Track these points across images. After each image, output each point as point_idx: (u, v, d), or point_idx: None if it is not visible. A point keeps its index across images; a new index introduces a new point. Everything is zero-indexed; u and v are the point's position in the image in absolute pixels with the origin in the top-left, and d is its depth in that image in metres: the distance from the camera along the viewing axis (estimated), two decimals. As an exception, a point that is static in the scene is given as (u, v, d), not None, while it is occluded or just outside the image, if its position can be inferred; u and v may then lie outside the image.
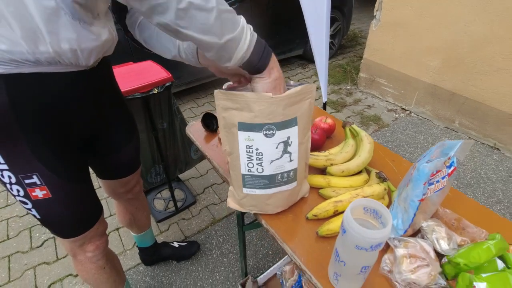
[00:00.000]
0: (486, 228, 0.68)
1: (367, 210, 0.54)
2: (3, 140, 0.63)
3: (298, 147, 0.69)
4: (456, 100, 2.41)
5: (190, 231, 1.76)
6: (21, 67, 0.58)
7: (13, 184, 0.69)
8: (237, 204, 0.77)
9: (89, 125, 0.79)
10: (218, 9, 0.50)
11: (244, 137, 0.66)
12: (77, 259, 0.93)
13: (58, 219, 0.79)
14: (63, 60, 0.61)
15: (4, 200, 1.94)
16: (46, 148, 0.68)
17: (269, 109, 0.62)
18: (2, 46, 0.54)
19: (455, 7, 2.18)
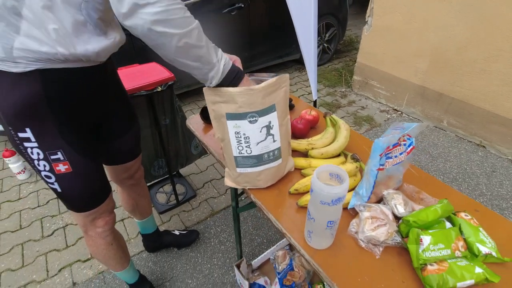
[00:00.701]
0: (441, 198, 0.80)
1: (332, 175, 0.66)
2: (36, 121, 0.77)
3: (279, 129, 0.82)
4: (444, 100, 2.53)
5: (190, 222, 1.87)
6: (53, 63, 0.72)
7: (40, 160, 0.82)
8: (233, 182, 0.90)
9: (98, 111, 0.92)
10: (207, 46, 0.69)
11: (232, 125, 0.78)
12: (88, 235, 1.06)
13: (75, 193, 0.91)
14: (86, 59, 0.76)
15: (17, 194, 2.07)
16: (69, 129, 0.82)
17: (250, 100, 0.75)
18: (42, 48, 0.68)
19: (440, 13, 2.32)
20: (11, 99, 0.73)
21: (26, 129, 0.77)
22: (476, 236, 0.70)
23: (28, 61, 0.69)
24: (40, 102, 0.75)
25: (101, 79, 0.88)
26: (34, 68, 0.71)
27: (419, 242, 0.67)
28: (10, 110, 0.74)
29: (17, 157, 2.10)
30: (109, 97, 0.95)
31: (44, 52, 0.69)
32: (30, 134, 0.78)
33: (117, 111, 1.01)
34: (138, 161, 1.21)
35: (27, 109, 0.75)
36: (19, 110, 0.74)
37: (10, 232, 1.81)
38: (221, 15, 2.81)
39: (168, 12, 0.61)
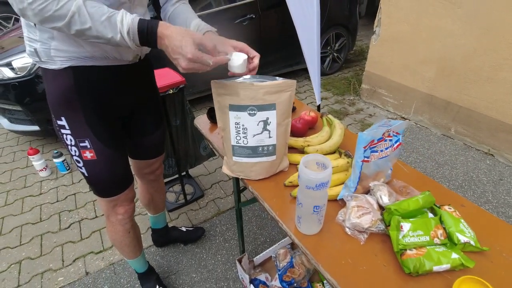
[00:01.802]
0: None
1: (319, 164, 0.73)
2: (69, 111, 0.89)
3: (277, 127, 0.90)
4: (451, 108, 2.54)
5: (197, 220, 1.95)
6: (83, 61, 0.84)
7: (72, 145, 0.94)
8: (229, 170, 0.98)
9: (127, 107, 1.03)
10: (94, 25, 0.69)
11: (233, 116, 0.87)
12: (109, 220, 1.16)
13: (100, 179, 1.02)
14: (110, 56, 0.86)
15: (38, 189, 2.22)
16: (96, 121, 0.93)
17: (251, 94, 0.84)
18: (71, 48, 0.81)
19: (446, 22, 2.36)
20: (52, 91, 0.88)
21: (61, 117, 0.90)
22: (457, 226, 0.75)
23: (62, 60, 0.82)
24: (72, 94, 0.87)
25: (130, 78, 0.97)
26: (67, 65, 0.83)
27: (399, 229, 0.72)
28: (51, 101, 0.89)
29: (40, 155, 2.26)
30: (138, 96, 1.05)
31: (73, 51, 0.81)
32: (65, 122, 0.90)
33: (146, 111, 1.11)
34: (161, 159, 1.32)
35: (62, 100, 0.87)
36: (57, 101, 0.88)
37: (31, 224, 1.94)
38: (233, 25, 2.95)
39: (42, 11, 0.65)
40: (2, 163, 2.51)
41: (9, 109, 2.34)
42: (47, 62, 0.83)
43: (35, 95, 2.24)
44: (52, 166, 2.39)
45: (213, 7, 2.83)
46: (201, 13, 2.71)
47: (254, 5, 3.01)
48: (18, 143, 2.76)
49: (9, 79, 2.18)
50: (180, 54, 0.71)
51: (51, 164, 2.40)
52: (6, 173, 2.40)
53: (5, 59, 2.20)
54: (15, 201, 2.13)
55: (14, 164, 2.50)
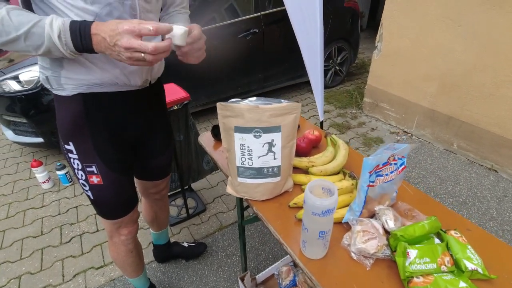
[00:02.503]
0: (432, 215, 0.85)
1: (325, 189, 0.73)
2: (77, 137, 0.90)
3: (282, 149, 0.90)
4: (453, 123, 2.55)
5: (199, 235, 1.94)
6: (92, 88, 0.85)
7: (79, 170, 0.94)
8: (233, 190, 0.98)
9: (137, 132, 1.02)
10: (18, 38, 0.65)
11: (239, 138, 0.88)
12: (112, 241, 1.15)
13: (105, 202, 1.01)
14: (119, 81, 0.87)
15: (40, 202, 2.22)
16: (104, 146, 0.93)
17: (256, 116, 0.84)
18: (80, 76, 0.82)
19: (447, 39, 2.39)
20: (61, 117, 0.88)
21: (70, 142, 0.90)
22: (464, 253, 0.74)
23: (72, 87, 0.83)
24: (81, 120, 0.87)
25: (140, 104, 0.97)
26: (77, 92, 0.84)
27: (406, 255, 0.72)
28: (61, 126, 0.90)
29: (43, 168, 2.27)
30: (148, 121, 1.04)
31: (82, 79, 0.82)
32: (73, 147, 0.91)
33: (155, 134, 1.10)
34: (167, 179, 1.31)
35: (71, 126, 0.88)
36: (66, 126, 0.89)
37: (32, 237, 1.93)
38: (237, 39, 2.99)
39: None
40: (5, 174, 2.52)
41: (14, 121, 2.37)
42: (57, 89, 0.85)
43: (40, 108, 2.27)
44: (54, 178, 2.40)
45: (216, 22, 2.88)
46: (205, 28, 2.76)
47: (258, 20, 3.06)
48: (22, 154, 2.78)
49: (15, 92, 2.21)
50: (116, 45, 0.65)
51: (54, 176, 2.40)
52: (9, 185, 2.40)
53: (12, 72, 2.24)
54: (17, 213, 2.12)
55: (17, 175, 2.51)
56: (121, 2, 0.77)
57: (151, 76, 0.96)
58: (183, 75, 2.72)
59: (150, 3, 0.86)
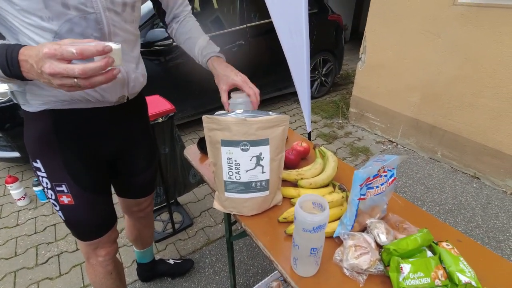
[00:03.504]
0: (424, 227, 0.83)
1: (315, 204, 0.71)
2: (46, 154, 0.83)
3: (270, 162, 0.88)
4: (437, 132, 2.61)
5: (186, 250, 1.87)
6: (61, 104, 0.79)
7: (48, 188, 0.87)
8: (220, 206, 0.94)
9: (114, 149, 0.95)
10: None
11: (226, 151, 0.84)
12: (89, 262, 1.07)
13: (78, 223, 0.94)
14: (91, 98, 0.80)
15: (15, 220, 2.09)
16: (76, 164, 0.86)
17: (244, 129, 0.82)
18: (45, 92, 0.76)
19: (428, 51, 2.47)
20: (28, 133, 0.83)
21: (37, 160, 0.84)
22: (457, 265, 0.73)
23: (38, 103, 0.78)
24: (48, 137, 0.82)
25: (115, 120, 0.91)
26: (43, 109, 0.79)
27: (399, 270, 0.70)
28: (27, 142, 0.84)
29: (18, 184, 2.15)
30: (126, 138, 0.97)
31: (49, 95, 0.76)
32: (40, 165, 0.84)
33: (136, 151, 1.04)
34: (151, 196, 1.24)
35: (38, 143, 0.82)
36: (32, 143, 0.83)
37: (4, 259, 1.81)
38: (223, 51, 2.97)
39: None
40: (-23, 191, 2.38)
41: (-12, 135, 2.25)
42: (24, 104, 0.79)
43: (17, 121, 2.17)
44: (31, 195, 2.27)
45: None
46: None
47: (244, 32, 3.08)
48: (-4, 169, 2.64)
49: (-10, 105, 2.10)
50: (43, 72, 0.56)
51: (30, 192, 2.28)
52: (-19, 203, 2.26)
53: (-13, 84, 2.14)
54: (-11, 233, 1.99)
55: (-10, 192, 2.37)
56: (82, 16, 0.71)
57: (128, 92, 0.89)
58: (168, 87, 2.68)
59: (122, 14, 0.79)
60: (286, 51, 1.75)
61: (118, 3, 0.78)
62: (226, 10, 3.23)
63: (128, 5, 0.80)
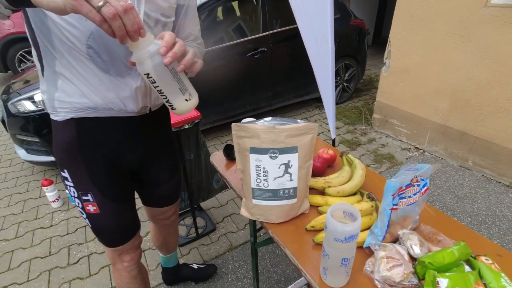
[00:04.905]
0: (460, 240, 0.80)
1: (346, 213, 0.70)
2: (72, 164, 0.87)
3: (298, 170, 0.88)
4: (467, 139, 2.49)
5: (209, 255, 1.89)
6: (86, 113, 0.82)
7: (75, 197, 0.91)
8: (248, 213, 0.95)
9: (136, 160, 0.98)
10: None
11: (254, 159, 0.86)
12: (115, 267, 1.11)
13: (103, 230, 0.98)
14: (114, 106, 0.83)
15: (49, 221, 2.21)
16: (99, 174, 0.90)
17: (273, 137, 0.83)
18: (73, 99, 0.80)
19: (456, 55, 2.38)
20: (56, 143, 0.87)
21: (64, 169, 0.88)
22: (498, 281, 0.69)
23: (65, 111, 0.82)
24: (74, 147, 0.85)
25: (138, 131, 0.92)
26: (70, 117, 0.82)
27: (436, 285, 0.67)
28: (56, 152, 0.88)
29: (53, 186, 2.27)
30: (149, 148, 1.00)
31: (75, 102, 0.80)
32: (67, 175, 0.89)
33: (159, 161, 1.06)
34: (176, 204, 1.27)
35: (65, 153, 0.86)
36: (59, 153, 0.87)
37: (40, 258, 1.91)
38: (245, 58, 3.04)
39: None
40: (16, 193, 2.53)
41: (27, 140, 2.40)
42: (52, 113, 0.83)
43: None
44: (64, 197, 2.39)
45: (225, 42, 2.94)
46: (214, 47, 2.81)
47: (266, 39, 3.11)
48: (33, 173, 2.80)
49: (30, 112, 2.25)
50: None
51: (63, 195, 2.40)
52: (19, 204, 2.40)
53: (27, 93, 2.29)
54: (26, 233, 2.11)
55: (27, 194, 2.51)
56: None
57: (151, 103, 0.91)
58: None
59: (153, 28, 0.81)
60: (311, 57, 1.75)
61: (152, 18, 0.81)
62: (249, 17, 3.29)
63: (160, 22, 0.84)
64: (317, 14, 1.69)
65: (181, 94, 0.70)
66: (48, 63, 0.78)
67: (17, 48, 4.67)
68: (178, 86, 0.68)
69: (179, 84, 0.69)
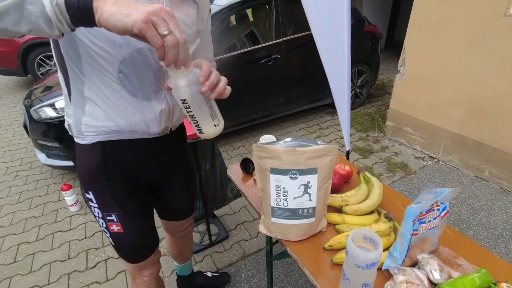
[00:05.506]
0: (480, 265, 0.80)
1: (366, 238, 0.71)
2: (96, 185, 0.90)
3: (317, 190, 0.89)
4: (484, 150, 2.45)
5: (222, 263, 1.92)
6: (111, 135, 0.85)
7: (100, 218, 0.95)
8: (266, 230, 0.97)
9: (155, 177, 1.02)
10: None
11: (274, 179, 0.88)
12: (135, 281, 1.14)
13: (126, 248, 1.02)
14: (138, 129, 0.86)
15: (68, 225, 2.28)
16: (122, 194, 0.93)
17: (293, 159, 0.85)
18: (99, 123, 0.82)
19: (473, 64, 2.35)
20: (81, 165, 0.89)
21: (89, 191, 0.91)
22: (519, 310, 0.69)
23: (92, 135, 0.84)
24: (99, 170, 0.88)
25: (159, 151, 0.95)
26: (96, 141, 0.85)
27: (456, 312, 0.68)
28: (80, 174, 0.91)
29: (72, 191, 2.34)
30: (167, 166, 1.03)
31: (102, 126, 0.82)
32: (92, 196, 0.91)
33: (176, 177, 1.10)
34: (191, 217, 1.30)
35: (90, 175, 0.89)
36: (85, 175, 0.90)
37: (60, 261, 1.97)
38: (259, 65, 3.06)
39: None
40: (36, 196, 2.62)
41: (47, 145, 2.48)
42: (78, 136, 0.85)
43: (72, 133, 2.38)
44: (82, 201, 2.47)
45: (239, 49, 2.97)
46: (226, 55, 2.84)
47: (279, 46, 3.13)
48: (52, 176, 2.89)
49: (51, 119, 2.33)
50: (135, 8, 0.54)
51: (81, 199, 2.47)
52: (39, 207, 2.49)
53: (49, 100, 2.38)
54: (46, 236, 2.18)
55: (47, 197, 2.60)
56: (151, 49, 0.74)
57: (172, 123, 0.94)
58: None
59: None
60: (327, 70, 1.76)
61: None
62: (262, 24, 3.32)
63: None
64: (333, 24, 1.69)
65: (211, 120, 0.73)
66: (77, 88, 0.80)
67: (38, 52, 4.83)
68: (209, 112, 0.71)
69: (211, 111, 0.72)
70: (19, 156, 3.26)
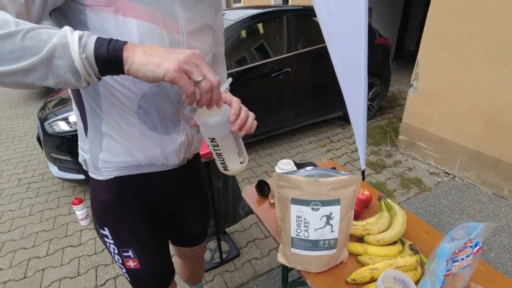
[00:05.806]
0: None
1: (397, 279, 0.67)
2: (113, 222, 0.87)
3: (340, 221, 0.86)
4: (503, 167, 2.37)
5: (233, 283, 1.87)
6: (129, 170, 0.82)
7: (116, 254, 0.91)
8: (285, 260, 0.93)
9: (172, 207, 0.99)
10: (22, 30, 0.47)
11: (295, 209, 0.85)
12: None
13: (142, 284, 0.98)
14: (157, 162, 0.83)
15: (78, 239, 2.27)
16: (139, 228, 0.90)
17: (315, 189, 0.81)
18: (118, 159, 0.79)
19: (490, 79, 2.29)
20: (96, 201, 0.86)
21: (105, 228, 0.87)
22: None
23: (109, 171, 0.81)
24: (116, 206, 0.85)
25: (176, 181, 0.94)
26: (113, 176, 0.82)
27: None
28: (95, 210, 0.87)
29: (83, 205, 2.34)
30: (184, 194, 1.01)
31: (120, 161, 0.79)
32: (108, 232, 0.88)
33: (190, 206, 1.07)
34: (204, 242, 1.27)
35: (106, 212, 0.85)
36: (100, 211, 0.86)
37: (69, 278, 1.95)
38: (270, 79, 3.06)
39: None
40: (47, 209, 2.63)
41: (59, 158, 2.50)
42: (94, 172, 0.82)
43: (85, 147, 2.39)
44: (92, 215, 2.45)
45: (250, 63, 2.97)
46: (238, 69, 2.85)
47: (290, 59, 3.13)
48: (63, 188, 2.90)
49: (64, 132, 2.35)
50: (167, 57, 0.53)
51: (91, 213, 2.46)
52: (50, 220, 2.49)
53: (63, 114, 2.40)
54: (56, 251, 2.17)
55: (58, 210, 2.60)
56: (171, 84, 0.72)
57: (190, 154, 0.92)
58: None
59: None
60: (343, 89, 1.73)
61: None
62: (273, 38, 3.33)
63: None
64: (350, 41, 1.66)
65: (238, 157, 0.70)
66: (94, 124, 0.77)
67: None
68: (237, 150, 0.69)
69: (238, 148, 0.70)
70: (31, 168, 3.30)
